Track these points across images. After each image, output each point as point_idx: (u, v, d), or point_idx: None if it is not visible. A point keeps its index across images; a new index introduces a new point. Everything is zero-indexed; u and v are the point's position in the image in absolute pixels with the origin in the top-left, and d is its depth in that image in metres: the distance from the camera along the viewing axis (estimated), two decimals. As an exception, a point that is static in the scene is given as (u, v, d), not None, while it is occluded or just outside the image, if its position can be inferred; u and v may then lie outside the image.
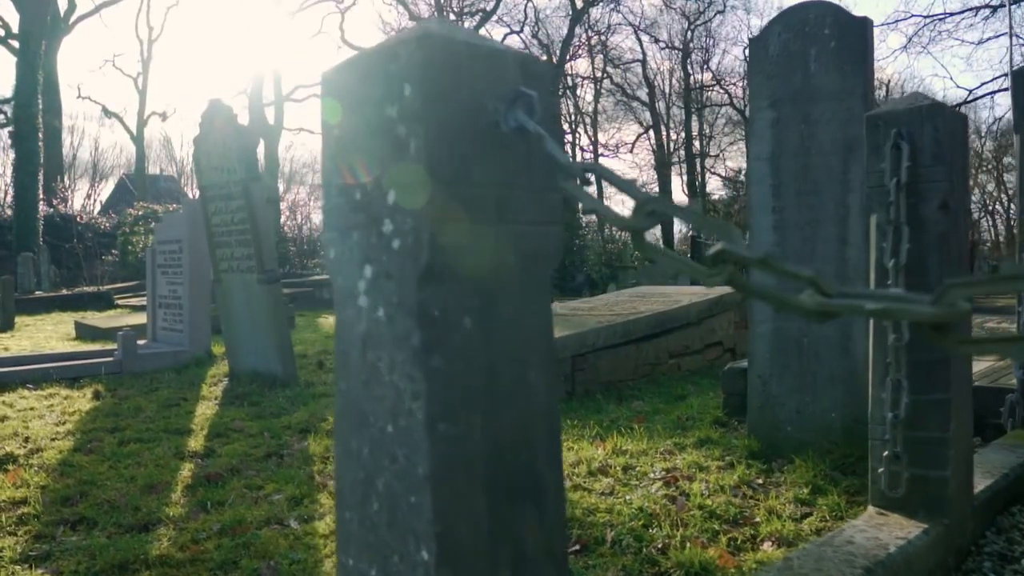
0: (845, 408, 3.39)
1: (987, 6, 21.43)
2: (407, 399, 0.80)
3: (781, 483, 3.14)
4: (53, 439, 4.30)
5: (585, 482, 3.22)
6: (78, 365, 6.37)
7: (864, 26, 3.41)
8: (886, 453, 1.96)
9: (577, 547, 2.57)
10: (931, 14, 23.47)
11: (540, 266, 0.89)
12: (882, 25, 29.32)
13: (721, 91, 39.77)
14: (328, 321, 11.76)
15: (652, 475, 3.29)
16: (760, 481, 3.17)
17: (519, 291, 0.86)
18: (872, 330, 2.04)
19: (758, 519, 2.76)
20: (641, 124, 40.23)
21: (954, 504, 1.99)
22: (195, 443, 4.22)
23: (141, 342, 7.21)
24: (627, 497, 3.01)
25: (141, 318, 10.30)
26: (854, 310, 0.60)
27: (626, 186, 0.77)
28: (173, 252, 7.31)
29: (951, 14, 23.20)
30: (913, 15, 23.56)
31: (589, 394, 5.17)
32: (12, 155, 21.58)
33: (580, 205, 0.80)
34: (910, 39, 26.94)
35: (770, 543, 2.55)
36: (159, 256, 7.60)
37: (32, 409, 5.09)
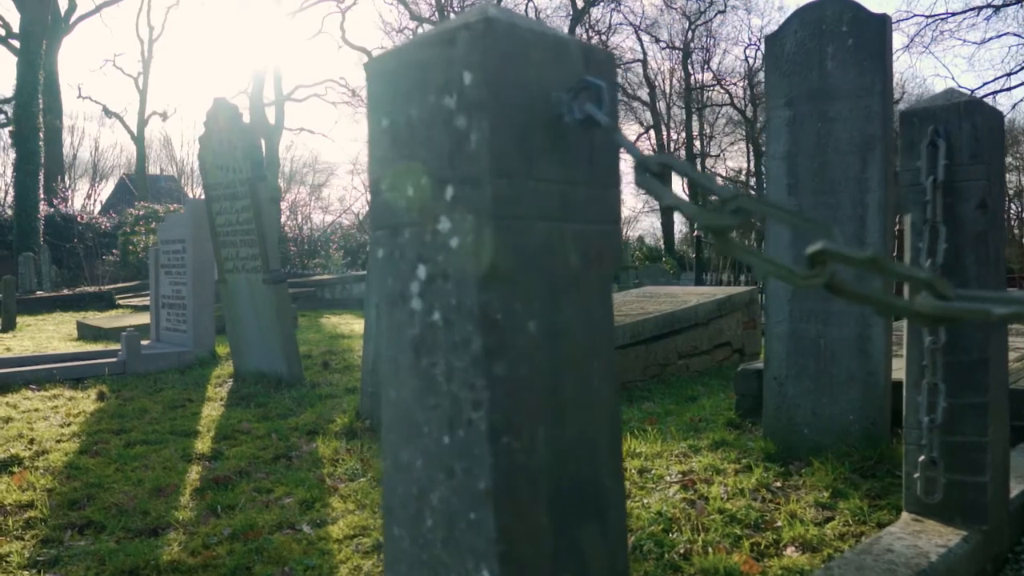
0: (862, 410, 3.35)
1: (989, 5, 21.37)
2: (467, 409, 0.75)
3: (800, 486, 3.09)
4: (59, 441, 4.25)
5: (601, 485, 3.17)
6: (82, 366, 6.32)
7: (883, 23, 3.36)
8: (922, 458, 1.92)
9: (597, 552, 2.53)
10: (933, 14, 23.37)
11: (602, 267, 0.84)
12: (884, 25, 29.17)
13: (722, 91, 39.78)
14: (331, 321, 11.70)
15: (668, 478, 3.24)
16: (778, 484, 3.13)
17: (582, 293, 0.81)
18: (906, 332, 1.99)
19: (779, 523, 2.71)
20: (642, 124, 40.21)
21: (992, 510, 1.94)
22: (202, 445, 4.17)
23: (144, 342, 7.16)
24: (644, 501, 2.97)
25: (143, 318, 10.25)
26: (978, 315, 0.55)
27: (707, 181, 0.72)
28: (176, 252, 7.26)
29: (953, 14, 23.16)
30: (915, 15, 23.44)
31: (598, 395, 5.13)
32: (13, 155, 21.52)
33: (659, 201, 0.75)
34: (912, 39, 26.91)
35: (793, 548, 2.51)
36: (162, 256, 7.55)
37: (36, 410, 5.04)
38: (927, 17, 23.50)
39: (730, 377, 5.89)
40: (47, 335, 10.19)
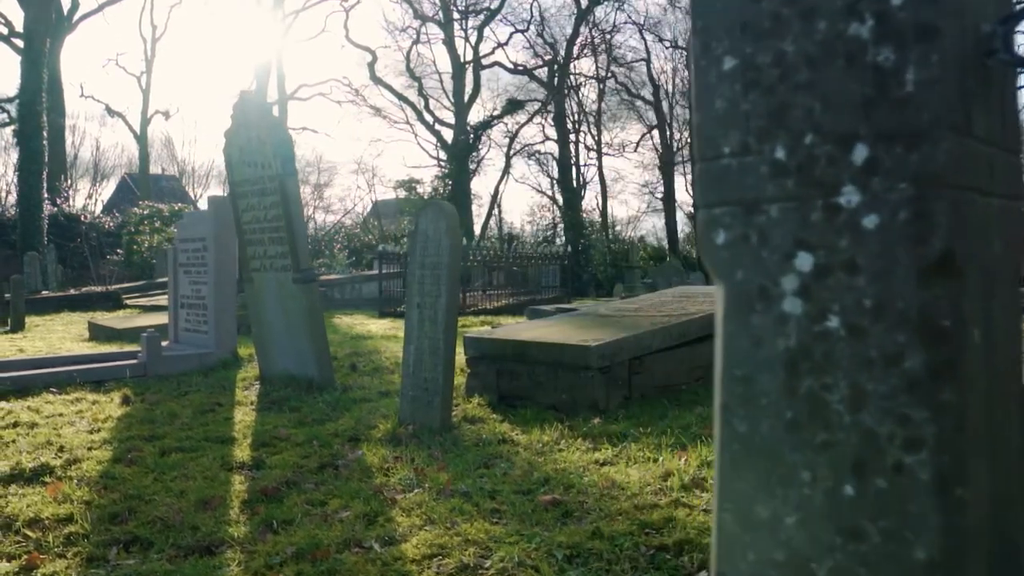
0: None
1: (1002, 4, 21.21)
2: (893, 448, 0.55)
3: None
4: (89, 448, 4.04)
5: (683, 497, 2.97)
6: (102, 368, 6.12)
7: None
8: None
9: None
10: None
11: (1015, 256, 0.64)
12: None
13: (726, 90, 39.58)
14: (344, 321, 11.49)
15: (751, 490, 3.05)
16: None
17: (1005, 290, 0.62)
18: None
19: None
20: (644, 124, 40.03)
21: None
22: (241, 453, 3.97)
23: (163, 343, 6.95)
24: (734, 516, 2.77)
25: (156, 318, 10.04)
26: None
27: None
28: (197, 251, 7.05)
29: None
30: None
31: (645, 398, 4.93)
32: (15, 154, 21.29)
33: None
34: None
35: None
36: (181, 255, 7.34)
37: (60, 415, 4.83)
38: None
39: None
40: (58, 336, 9.97)
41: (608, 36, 36.51)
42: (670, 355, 5.19)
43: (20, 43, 23.20)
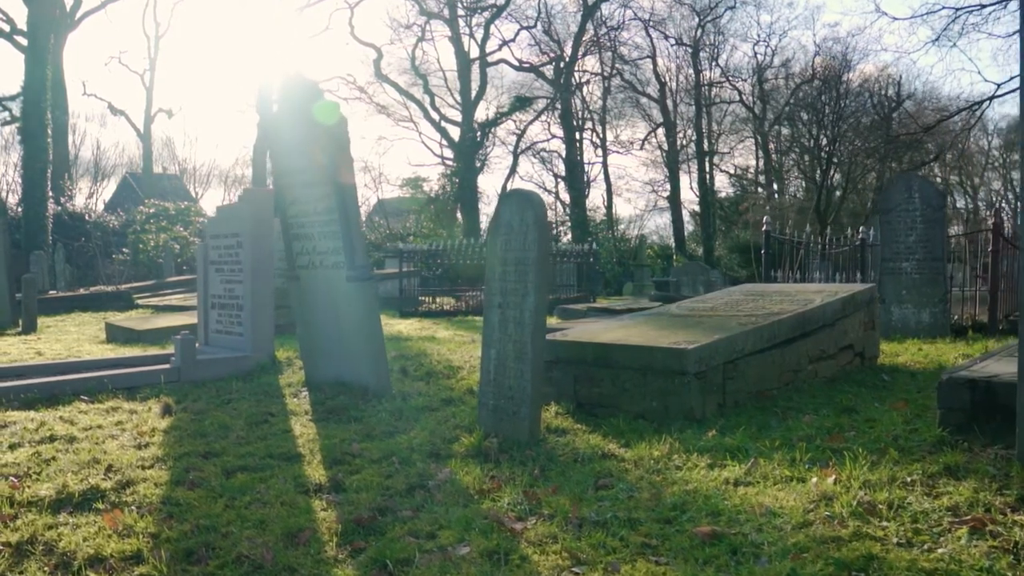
0: None
1: (1017, -3, 20.77)
2: None
3: (1117, 531, 2.46)
4: (142, 467, 3.59)
5: (863, 527, 2.53)
6: (134, 373, 5.66)
7: None
8: None
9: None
10: (962, 7, 22.64)
11: None
12: (912, 18, 28.99)
13: (730, 88, 39.20)
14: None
15: (936, 516, 2.60)
16: (1082, 527, 2.49)
17: None
18: None
19: None
20: (649, 122, 39.65)
21: None
22: (314, 472, 3.52)
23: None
24: (939, 551, 2.33)
25: (172, 319, 9.59)
26: None
27: None
28: (230, 247, 6.59)
29: (983, 6, 22.51)
30: (944, 7, 22.77)
31: (739, 406, 4.48)
32: (15, 153, 20.79)
33: None
34: (940, 33, 26.42)
35: None
36: (212, 252, 6.88)
37: (99, 427, 4.38)
38: (956, 10, 22.85)
39: (866, 384, 5.27)
40: (73, 337, 9.51)
41: (614, 33, 36.12)
42: (761, 358, 4.75)
43: (23, 40, 22.68)
